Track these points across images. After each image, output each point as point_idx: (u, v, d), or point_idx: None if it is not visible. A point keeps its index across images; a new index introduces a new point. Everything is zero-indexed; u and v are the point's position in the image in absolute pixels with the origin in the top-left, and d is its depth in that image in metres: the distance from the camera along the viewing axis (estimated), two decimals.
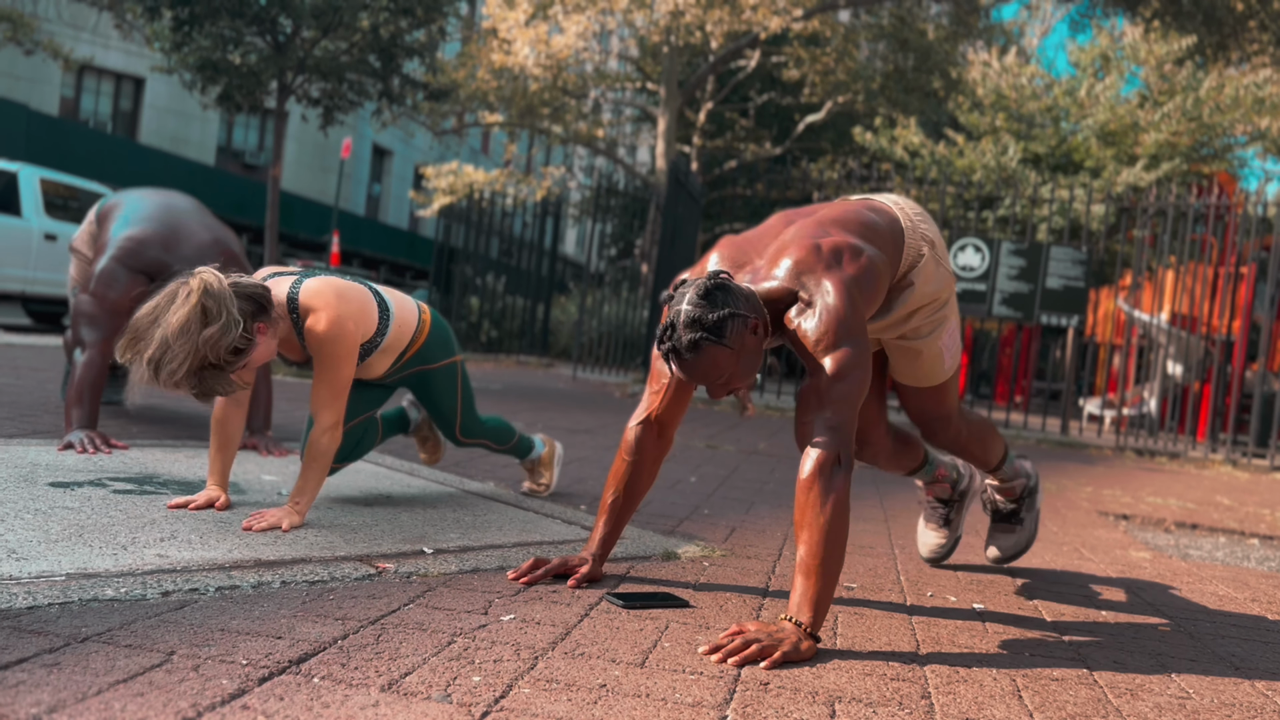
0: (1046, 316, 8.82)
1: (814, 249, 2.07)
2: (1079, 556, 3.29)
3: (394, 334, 2.67)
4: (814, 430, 1.95)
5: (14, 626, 1.54)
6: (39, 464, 2.78)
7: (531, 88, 17.27)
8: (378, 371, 2.73)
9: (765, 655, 1.76)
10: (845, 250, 2.08)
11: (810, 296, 2.03)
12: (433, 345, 2.82)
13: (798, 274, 2.05)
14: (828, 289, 2.01)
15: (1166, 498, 5.33)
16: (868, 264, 2.08)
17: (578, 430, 5.51)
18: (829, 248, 2.08)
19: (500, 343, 14.16)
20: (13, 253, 9.63)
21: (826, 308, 2.00)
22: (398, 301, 2.73)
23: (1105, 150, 12.81)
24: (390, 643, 1.66)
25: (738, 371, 1.98)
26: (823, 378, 1.97)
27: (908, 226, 2.29)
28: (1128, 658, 2.08)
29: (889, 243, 2.21)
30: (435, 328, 2.85)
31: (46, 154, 17.09)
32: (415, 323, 2.75)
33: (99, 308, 3.28)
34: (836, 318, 1.98)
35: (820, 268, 2.04)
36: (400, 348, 2.71)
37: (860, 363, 1.98)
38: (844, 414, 1.95)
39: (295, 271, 2.56)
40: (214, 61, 9.14)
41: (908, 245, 2.27)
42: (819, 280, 2.03)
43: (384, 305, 2.65)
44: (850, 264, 2.06)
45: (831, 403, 1.96)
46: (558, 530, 2.73)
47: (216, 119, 24.70)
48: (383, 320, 2.62)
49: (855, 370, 1.97)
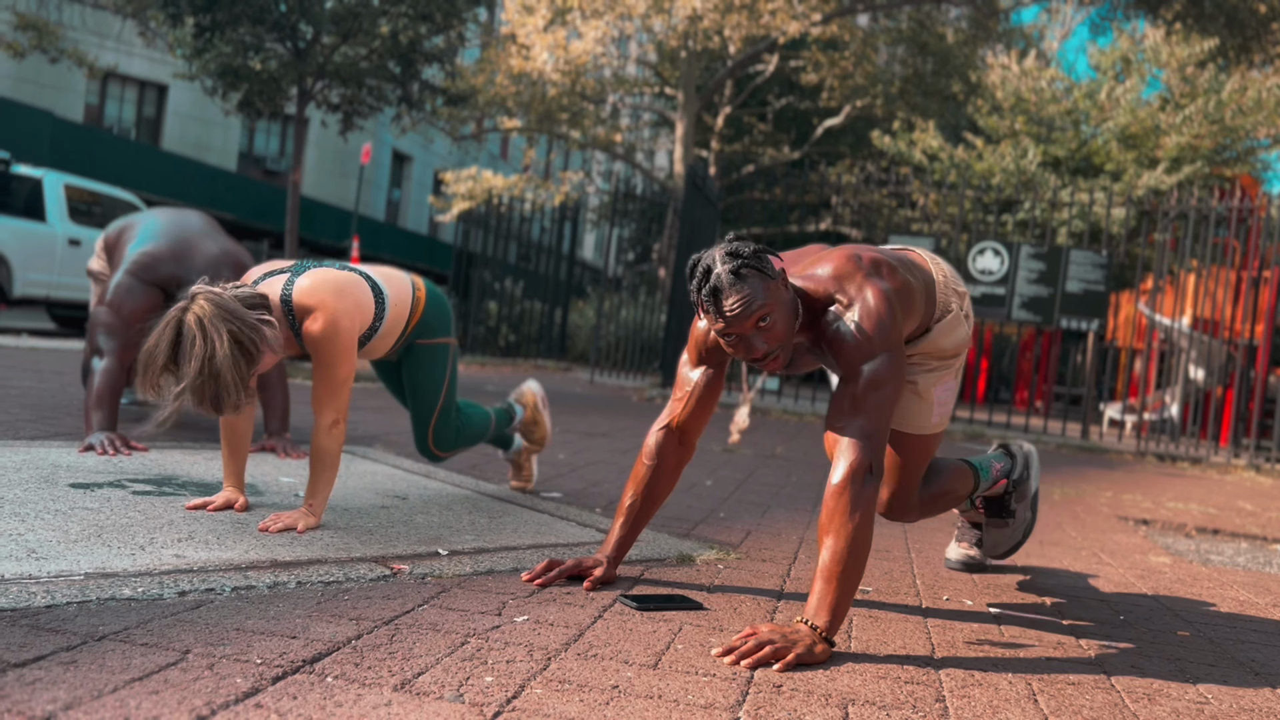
0: (1066, 320, 8.77)
1: (854, 258, 2.07)
2: (1098, 561, 3.26)
3: (391, 316, 2.66)
4: (847, 437, 1.94)
5: (32, 625, 1.55)
6: (60, 465, 2.81)
7: (550, 93, 17.31)
8: (381, 352, 2.74)
9: (779, 657, 1.76)
10: (885, 265, 2.08)
11: (850, 300, 2.01)
12: (429, 319, 2.80)
13: (837, 278, 2.04)
14: (869, 295, 2.00)
15: (1188, 503, 5.28)
16: (906, 282, 2.09)
17: (594, 434, 5.52)
18: (869, 259, 2.08)
19: (518, 347, 14.19)
20: (38, 258, 9.74)
21: (867, 312, 1.99)
22: (390, 283, 2.70)
23: (1126, 153, 12.73)
24: (404, 643, 1.66)
25: (781, 317, 1.94)
26: (858, 384, 1.96)
27: (940, 280, 2.27)
28: (1146, 662, 2.06)
29: (922, 287, 2.20)
30: (431, 302, 2.82)
31: (71, 160, 17.27)
32: (410, 299, 2.73)
33: (115, 318, 3.36)
34: (877, 323, 1.97)
35: (860, 275, 2.03)
36: (399, 327, 2.71)
37: (896, 374, 1.97)
38: (878, 422, 1.95)
39: (287, 268, 2.53)
40: (235, 68, 9.21)
41: (939, 297, 2.26)
42: (860, 286, 2.02)
43: (378, 291, 2.62)
44: (891, 278, 2.06)
45: (866, 411, 1.95)
46: (572, 533, 2.73)
47: (238, 125, 24.88)
48: (379, 306, 2.61)
49: (890, 381, 1.96)
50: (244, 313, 2.27)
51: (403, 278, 2.77)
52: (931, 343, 2.26)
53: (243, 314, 2.27)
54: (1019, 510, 2.75)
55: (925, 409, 2.32)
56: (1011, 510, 2.74)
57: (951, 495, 2.54)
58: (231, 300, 2.27)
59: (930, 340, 2.26)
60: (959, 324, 2.30)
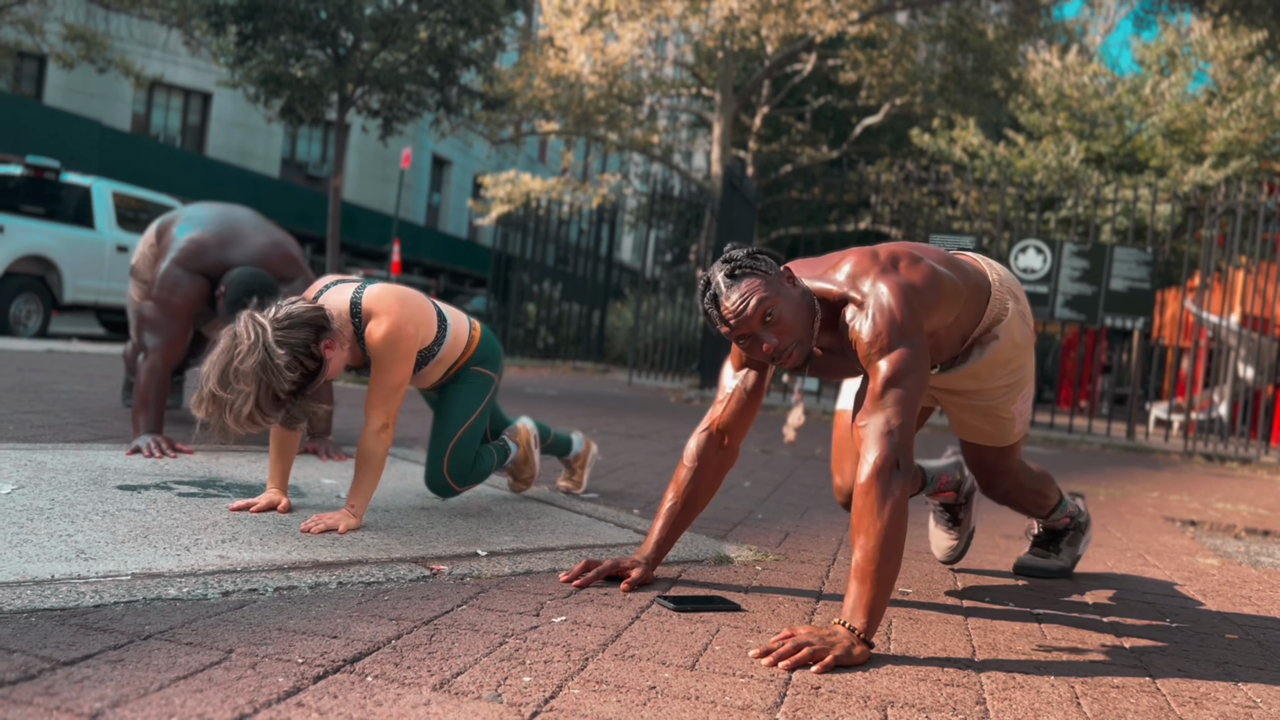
0: (1111, 319, 8.64)
1: (870, 255, 2.08)
2: (1143, 563, 3.21)
3: (450, 345, 2.75)
4: (871, 433, 1.93)
5: (81, 624, 1.58)
6: (108, 468, 2.86)
7: (587, 95, 17.36)
8: (430, 381, 2.81)
9: (817, 659, 1.75)
10: (903, 257, 2.07)
11: (864, 298, 2.01)
12: (481, 355, 2.89)
13: (852, 277, 2.05)
14: (881, 290, 2.00)
15: (1237, 504, 5.18)
16: (929, 271, 2.07)
17: (632, 435, 5.52)
18: (886, 254, 2.08)
19: (557, 349, 14.25)
20: (87, 264, 9.91)
21: (880, 308, 1.98)
22: (453, 315, 2.83)
23: (1171, 149, 12.52)
24: (443, 643, 1.68)
25: (788, 316, 1.97)
26: (878, 381, 1.96)
27: (994, 280, 2.27)
28: (1192, 665, 2.03)
29: (970, 281, 2.19)
30: (485, 339, 2.93)
31: (119, 168, 17.58)
32: (466, 335, 2.84)
33: (161, 312, 3.36)
34: (889, 319, 1.97)
35: (875, 270, 2.04)
36: (453, 359, 2.80)
37: (916, 365, 1.96)
38: (901, 417, 1.93)
39: (357, 280, 2.63)
40: (277, 75, 9.34)
41: (994, 299, 2.24)
42: (874, 282, 2.02)
43: (442, 316, 2.73)
44: (909, 270, 2.05)
45: (888, 406, 1.94)
46: (610, 534, 2.74)
47: (281, 132, 25.22)
48: (441, 329, 2.70)
49: (912, 373, 1.95)
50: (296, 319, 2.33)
51: (464, 317, 2.88)
52: (1002, 347, 2.25)
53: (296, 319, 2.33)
54: (1064, 553, 2.82)
55: (1008, 425, 2.40)
56: (1059, 549, 2.82)
57: (1045, 491, 2.64)
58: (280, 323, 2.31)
59: (1000, 345, 2.25)
60: (1020, 323, 2.29)
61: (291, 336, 2.31)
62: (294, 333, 2.32)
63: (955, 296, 2.13)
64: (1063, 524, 2.80)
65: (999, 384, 2.31)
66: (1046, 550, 2.82)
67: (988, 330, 2.25)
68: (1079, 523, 2.81)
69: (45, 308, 9.64)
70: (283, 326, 2.31)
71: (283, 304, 2.39)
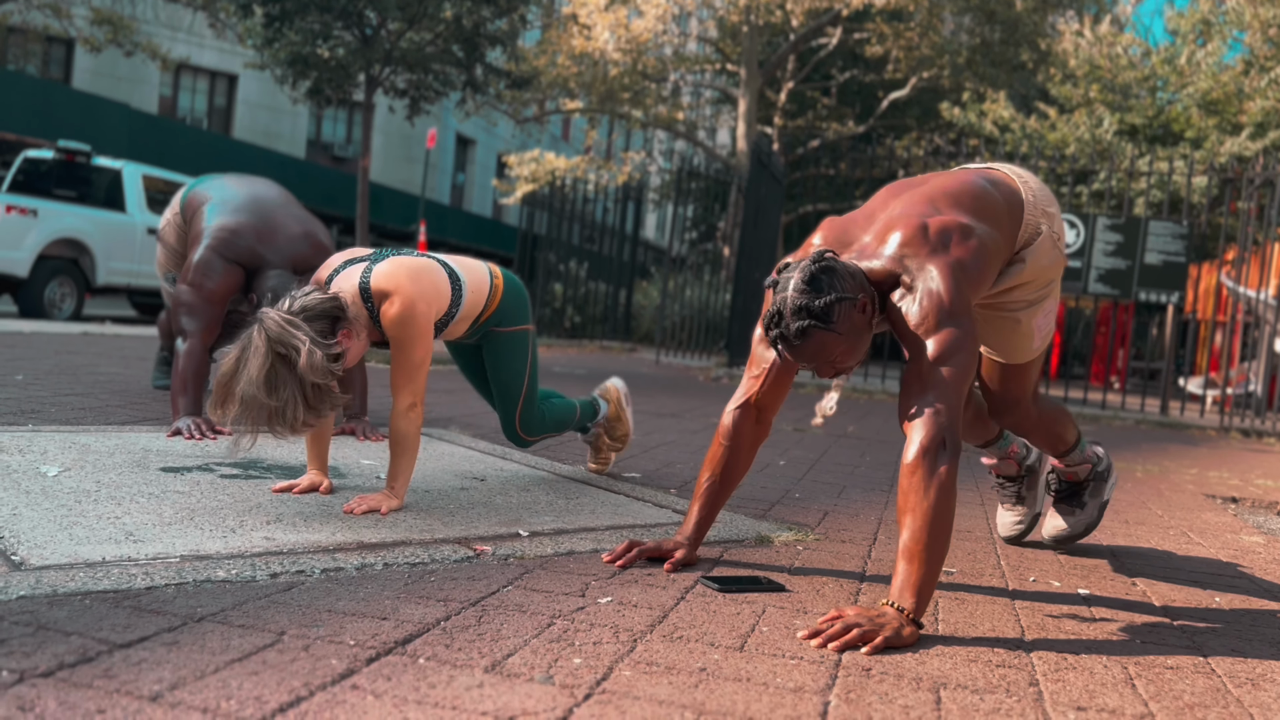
0: (1145, 293, 8.53)
1: (920, 229, 2.03)
2: (1187, 541, 3.17)
3: (468, 303, 2.70)
4: (918, 414, 1.91)
5: (135, 606, 1.59)
6: (150, 450, 2.88)
7: (611, 73, 17.28)
8: (456, 335, 2.78)
9: (866, 640, 1.74)
10: (954, 231, 2.03)
11: (912, 280, 1.99)
12: (507, 308, 2.84)
13: (901, 256, 2.02)
14: (932, 274, 1.97)
15: (1278, 480, 5.12)
16: (978, 246, 2.04)
17: (663, 414, 5.52)
18: (936, 228, 2.03)
19: (583, 328, 14.25)
20: (119, 247, 10.01)
21: (929, 292, 1.96)
22: (468, 271, 2.74)
23: (1207, 119, 12.31)
24: (491, 624, 1.68)
25: (847, 352, 1.98)
26: (925, 361, 1.94)
27: (1028, 200, 2.23)
28: (1246, 645, 2.00)
29: (1004, 217, 2.15)
30: (509, 291, 2.85)
31: (147, 151, 17.69)
32: (488, 288, 2.77)
33: (197, 297, 3.38)
34: (938, 303, 1.95)
35: (925, 250, 2.00)
36: (475, 314, 2.75)
37: (965, 345, 1.93)
38: (949, 397, 1.91)
39: (366, 256, 2.58)
40: (304, 56, 9.35)
41: (1026, 221, 2.20)
42: (922, 264, 1.99)
43: (455, 278, 2.66)
44: (959, 246, 2.02)
45: (934, 385, 1.92)
46: (649, 514, 2.73)
47: (306, 113, 25.29)
48: (455, 293, 2.64)
49: (960, 353, 1.93)
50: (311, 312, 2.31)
51: (480, 267, 2.80)
52: (1028, 269, 2.22)
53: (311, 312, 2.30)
54: (1089, 506, 2.74)
55: (1026, 339, 2.35)
56: (1083, 503, 2.74)
57: (1061, 425, 2.58)
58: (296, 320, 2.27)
59: (1026, 269, 2.22)
60: (1049, 248, 2.24)
61: (315, 328, 2.29)
62: (315, 324, 2.30)
63: (999, 252, 2.11)
64: (1085, 472, 2.72)
65: (1020, 298, 2.28)
66: (1070, 505, 2.74)
67: (1017, 253, 2.22)
68: (1099, 471, 2.73)
69: (79, 291, 9.74)
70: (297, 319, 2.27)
71: (297, 295, 2.35)
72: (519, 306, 2.88)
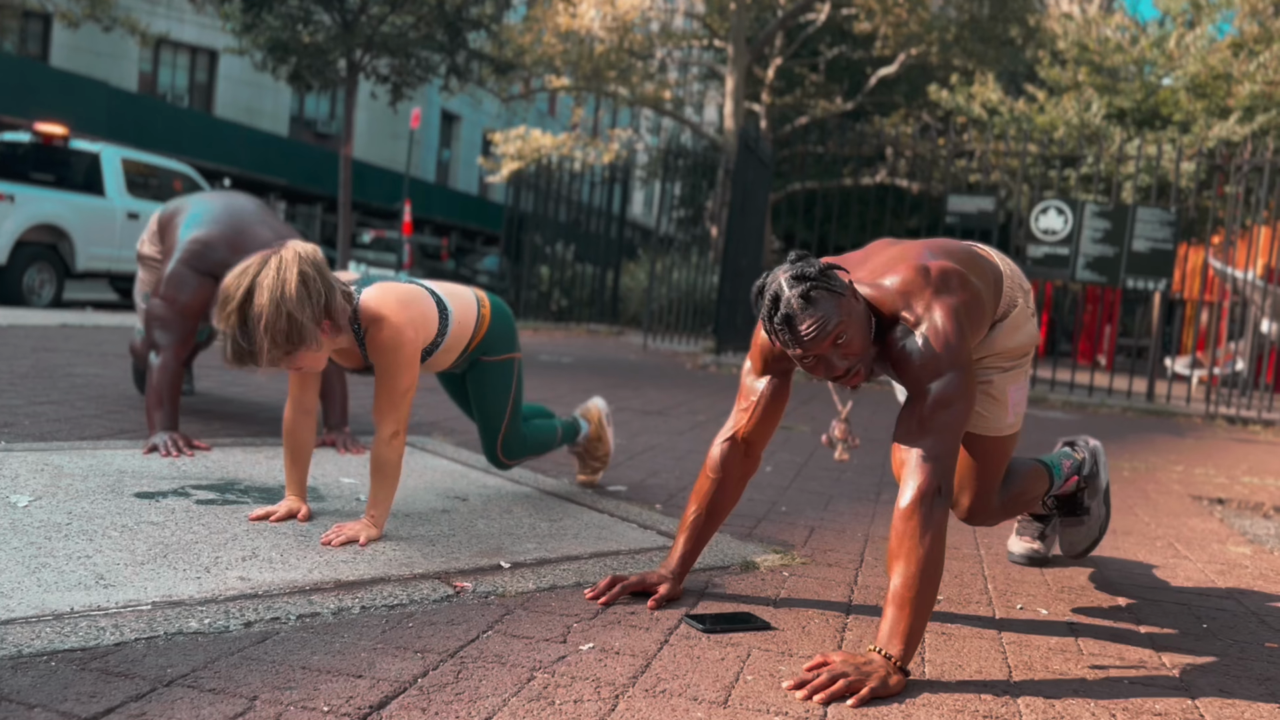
0: (1133, 281, 8.52)
1: (922, 270, 1.99)
2: (1174, 553, 3.16)
3: (454, 334, 2.67)
4: (914, 458, 1.88)
5: (102, 668, 1.55)
6: (125, 471, 2.83)
7: (598, 50, 17.11)
8: (444, 366, 2.76)
9: (853, 691, 1.71)
10: (954, 276, 2.00)
11: (917, 318, 1.95)
12: (494, 337, 2.81)
13: (904, 294, 1.97)
14: (936, 314, 1.94)
15: (1264, 476, 5.12)
16: (976, 296, 2.02)
17: (650, 411, 5.48)
18: (938, 271, 2.00)
19: (570, 311, 14.18)
20: (99, 232, 9.87)
21: (935, 331, 1.92)
22: (456, 300, 2.70)
23: (1196, 103, 12.27)
24: (470, 680, 1.64)
25: (856, 333, 1.89)
26: (925, 404, 1.90)
27: (1007, 273, 2.23)
28: (1234, 684, 1.98)
29: (991, 283, 2.15)
30: (496, 320, 2.82)
31: (126, 130, 17.48)
32: (475, 318, 2.74)
33: (171, 311, 3.32)
34: (945, 342, 1.91)
35: (929, 291, 1.96)
36: (462, 345, 2.72)
37: (965, 393, 1.91)
38: (947, 443, 1.89)
39: (353, 280, 2.54)
40: (284, 41, 9.21)
41: (1005, 292, 2.20)
42: (928, 303, 1.95)
43: (443, 307, 2.64)
44: (961, 290, 1.99)
45: (934, 431, 1.89)
46: (634, 537, 2.70)
47: (289, 90, 25.01)
48: (442, 323, 2.62)
49: (960, 400, 1.90)
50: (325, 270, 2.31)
51: (468, 295, 2.77)
52: (1000, 341, 2.21)
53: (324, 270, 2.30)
54: (1093, 507, 2.69)
55: (1001, 411, 2.28)
56: (1086, 507, 2.69)
57: (1029, 495, 2.51)
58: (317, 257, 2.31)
59: (999, 337, 2.20)
60: (1026, 319, 2.25)
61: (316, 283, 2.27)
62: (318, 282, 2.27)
63: (988, 309, 2.10)
64: (1072, 484, 2.66)
65: (994, 365, 2.24)
66: (1076, 516, 2.69)
67: (995, 324, 2.21)
68: (1085, 475, 2.67)
69: (58, 277, 9.62)
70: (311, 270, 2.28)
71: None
72: (506, 334, 2.85)
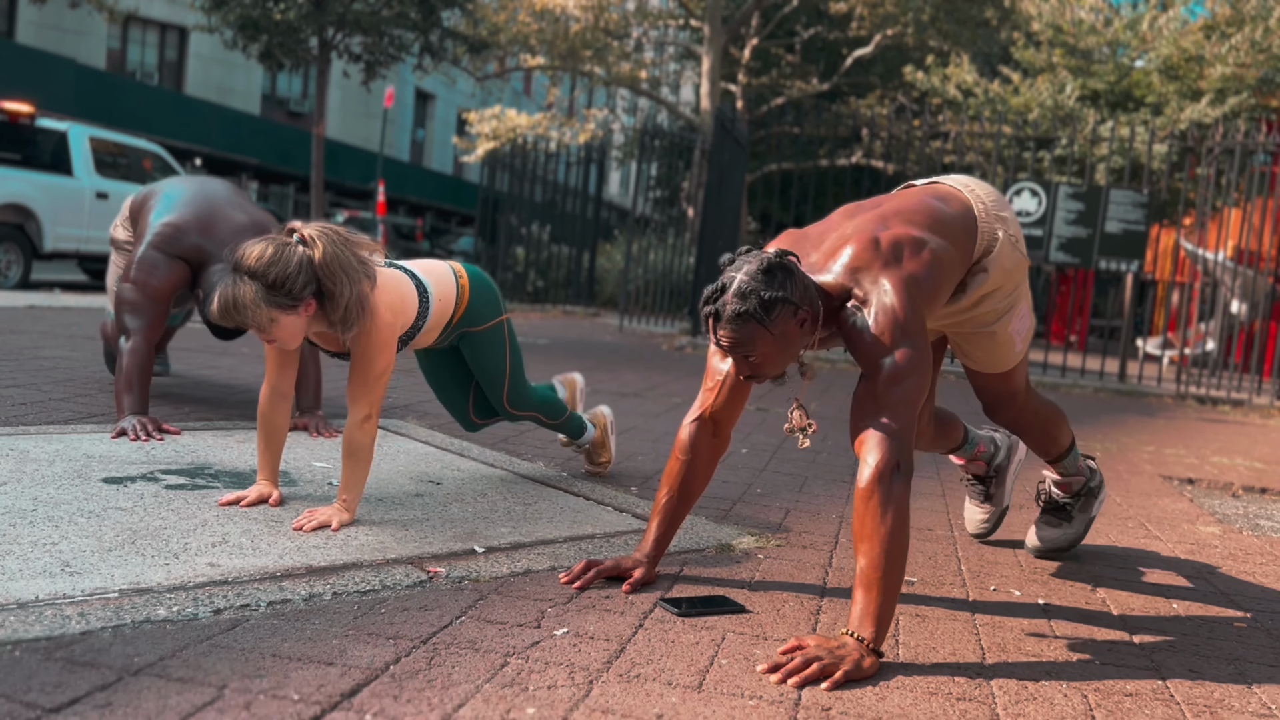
0: (1105, 262, 8.57)
1: (872, 243, 1.98)
2: (1145, 534, 3.19)
3: (436, 312, 2.67)
4: (871, 435, 1.87)
5: (67, 658, 1.53)
6: (93, 455, 2.79)
7: (573, 29, 16.98)
8: (427, 343, 2.76)
9: (827, 675, 1.71)
10: (906, 245, 1.99)
11: (866, 294, 1.95)
12: (476, 307, 2.80)
13: (853, 270, 1.97)
14: (885, 288, 1.93)
15: (1233, 456, 5.18)
16: (930, 259, 1.99)
17: (626, 394, 5.47)
18: (888, 242, 1.99)
19: (546, 292, 14.13)
20: (67, 212, 9.73)
21: (883, 307, 1.92)
22: (434, 278, 2.69)
23: (1168, 85, 12.34)
24: (443, 667, 1.63)
25: (769, 356, 1.93)
26: (879, 380, 1.90)
27: (980, 210, 2.19)
28: (1204, 664, 2.00)
29: (959, 232, 2.11)
30: (476, 289, 2.81)
31: (95, 109, 17.21)
32: (454, 293, 2.73)
33: (141, 295, 3.28)
34: (893, 318, 1.91)
35: (877, 264, 1.96)
36: (444, 322, 2.71)
37: (918, 365, 1.90)
38: (903, 418, 1.88)
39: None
40: (254, 19, 9.08)
41: (981, 231, 2.17)
42: (875, 278, 1.95)
43: (422, 289, 2.62)
44: (910, 260, 1.97)
45: (889, 406, 1.88)
46: (609, 520, 2.69)
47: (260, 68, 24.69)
48: (423, 304, 2.61)
49: (913, 374, 1.89)
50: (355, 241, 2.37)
51: (444, 270, 2.75)
52: (992, 278, 2.20)
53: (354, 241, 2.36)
54: (1077, 521, 2.75)
55: (1008, 348, 2.34)
56: (1071, 517, 2.74)
57: (1056, 427, 2.56)
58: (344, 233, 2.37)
59: (990, 278, 2.19)
60: (1009, 250, 2.22)
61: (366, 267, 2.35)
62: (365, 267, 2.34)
63: (953, 266, 2.08)
64: (1077, 484, 2.72)
65: (990, 308, 2.26)
66: (1058, 518, 2.75)
67: (977, 263, 2.19)
68: (1090, 486, 2.74)
69: (25, 257, 9.47)
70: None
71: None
72: (489, 301, 2.84)
